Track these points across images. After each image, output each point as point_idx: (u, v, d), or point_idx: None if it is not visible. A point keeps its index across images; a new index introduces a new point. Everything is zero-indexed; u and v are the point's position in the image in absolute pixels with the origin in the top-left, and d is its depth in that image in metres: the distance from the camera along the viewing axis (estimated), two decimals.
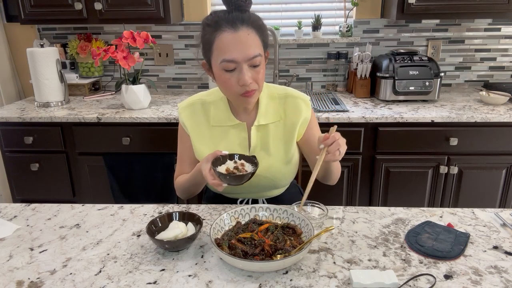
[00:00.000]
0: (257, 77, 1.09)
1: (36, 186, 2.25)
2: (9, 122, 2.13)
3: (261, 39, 1.10)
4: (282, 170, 1.27)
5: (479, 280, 0.84)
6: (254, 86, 1.10)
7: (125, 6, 2.23)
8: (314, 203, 1.12)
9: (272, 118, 1.24)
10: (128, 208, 1.19)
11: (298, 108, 1.24)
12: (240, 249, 0.90)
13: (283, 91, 1.27)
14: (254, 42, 1.07)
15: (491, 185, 2.12)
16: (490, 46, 2.54)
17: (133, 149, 2.13)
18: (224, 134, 1.24)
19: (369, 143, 2.08)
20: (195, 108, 1.26)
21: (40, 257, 0.95)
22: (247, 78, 1.07)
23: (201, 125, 1.26)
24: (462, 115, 1.99)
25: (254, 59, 1.07)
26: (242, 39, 1.05)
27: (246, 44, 1.05)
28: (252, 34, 1.07)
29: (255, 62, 1.07)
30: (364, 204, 2.20)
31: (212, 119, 1.24)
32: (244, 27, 1.06)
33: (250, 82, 1.08)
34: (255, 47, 1.07)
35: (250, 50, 1.06)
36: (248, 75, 1.07)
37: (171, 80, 2.71)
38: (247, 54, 1.05)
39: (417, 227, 1.03)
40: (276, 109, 1.25)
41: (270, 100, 1.25)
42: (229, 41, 1.05)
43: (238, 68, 1.07)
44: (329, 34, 2.61)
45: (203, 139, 1.26)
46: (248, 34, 1.06)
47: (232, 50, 1.05)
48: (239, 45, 1.05)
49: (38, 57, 2.21)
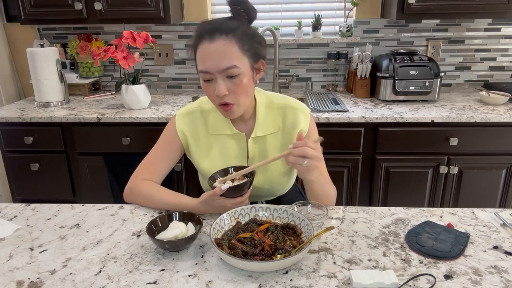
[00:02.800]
0: (235, 89, 1.06)
1: (36, 186, 2.25)
2: (9, 122, 2.13)
3: (242, 50, 1.05)
4: (281, 181, 1.26)
5: (479, 280, 0.84)
6: (230, 99, 1.07)
7: (125, 6, 2.23)
8: (314, 203, 1.12)
9: (270, 129, 1.22)
10: (128, 208, 1.19)
11: (296, 119, 1.21)
12: (240, 249, 0.90)
13: (283, 101, 1.24)
14: (230, 53, 1.03)
15: (491, 185, 2.12)
16: (490, 46, 2.54)
17: (133, 149, 2.13)
18: (222, 144, 1.22)
19: (369, 143, 2.08)
20: (195, 116, 1.24)
21: (40, 257, 0.95)
22: (221, 89, 1.05)
23: (200, 134, 1.24)
24: (462, 115, 1.99)
25: (228, 70, 1.04)
26: (216, 50, 1.03)
27: (220, 55, 1.03)
28: (229, 45, 1.03)
29: (230, 73, 1.05)
30: (364, 204, 2.20)
31: (211, 127, 1.22)
32: (222, 38, 1.03)
33: (225, 93, 1.06)
34: (231, 58, 1.04)
35: (223, 61, 1.03)
36: (222, 86, 1.05)
37: (171, 80, 2.71)
38: (219, 65, 1.04)
39: (417, 227, 1.03)
40: (275, 120, 1.22)
41: (269, 111, 1.22)
42: (205, 51, 1.05)
43: (214, 79, 1.06)
44: (329, 34, 2.61)
45: (202, 148, 1.24)
46: (224, 45, 1.03)
47: (207, 61, 1.05)
48: (212, 56, 1.04)
49: (38, 57, 2.21)
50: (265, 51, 1.14)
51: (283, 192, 1.32)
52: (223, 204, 1.06)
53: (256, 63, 1.11)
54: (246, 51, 1.07)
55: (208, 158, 1.24)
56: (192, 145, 1.24)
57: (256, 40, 1.10)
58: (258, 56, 1.11)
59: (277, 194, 1.30)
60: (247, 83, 1.08)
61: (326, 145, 2.22)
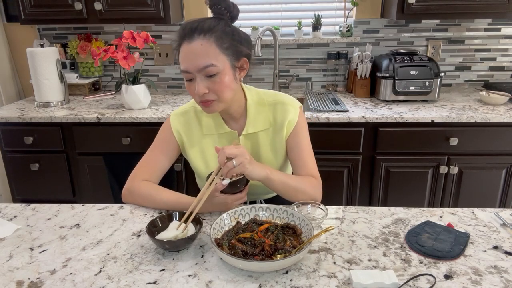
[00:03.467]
0: (214, 87, 1.07)
1: (36, 186, 2.25)
2: (9, 122, 2.13)
3: (221, 49, 1.06)
4: None
5: (479, 280, 0.84)
6: (210, 96, 1.08)
7: (125, 6, 2.23)
8: (314, 203, 1.12)
9: (261, 126, 1.23)
10: (128, 208, 1.19)
11: (286, 113, 1.22)
12: (240, 249, 0.90)
13: (273, 98, 1.25)
14: (208, 53, 1.04)
15: (491, 185, 2.12)
16: (490, 46, 2.54)
17: (133, 149, 2.13)
18: (215, 143, 1.23)
19: (369, 143, 2.08)
20: (189, 117, 1.25)
21: (40, 257, 0.95)
22: (199, 88, 1.06)
23: (194, 134, 1.25)
24: (462, 115, 1.99)
25: (206, 69, 1.05)
26: (194, 49, 1.05)
27: (197, 55, 1.04)
28: (207, 44, 1.04)
29: (208, 72, 1.05)
30: (364, 204, 2.20)
31: (204, 127, 1.23)
32: (199, 38, 1.04)
33: (204, 92, 1.07)
34: (208, 57, 1.04)
35: (200, 60, 1.04)
36: (201, 85, 1.06)
37: (171, 80, 2.71)
38: (197, 65, 1.05)
39: (417, 227, 1.03)
40: (266, 117, 1.23)
41: (260, 107, 1.23)
42: (184, 52, 1.06)
43: (194, 78, 1.07)
44: (329, 34, 2.61)
45: (196, 148, 1.25)
46: (202, 44, 1.04)
47: (186, 60, 1.06)
48: (190, 55, 1.05)
49: (38, 57, 2.21)
50: (248, 49, 1.13)
51: None
52: (223, 201, 1.07)
53: (237, 61, 1.11)
54: (226, 49, 1.07)
55: (203, 158, 1.25)
56: (187, 145, 1.25)
57: (236, 39, 1.10)
58: (239, 54, 1.11)
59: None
60: (228, 81, 1.08)
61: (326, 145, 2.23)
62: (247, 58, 1.14)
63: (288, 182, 1.14)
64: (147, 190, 1.18)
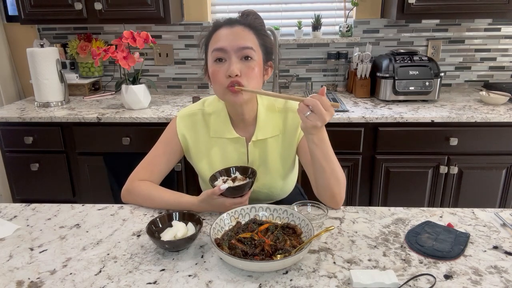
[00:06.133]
0: (248, 72, 1.07)
1: (36, 186, 2.25)
2: (9, 122, 2.13)
3: (259, 41, 1.11)
4: (281, 185, 1.26)
5: (479, 280, 0.84)
6: (241, 79, 1.05)
7: (125, 6, 2.23)
8: (314, 203, 1.12)
9: (271, 132, 1.21)
10: (128, 208, 1.19)
11: (298, 122, 1.18)
12: (240, 249, 0.90)
13: (284, 104, 1.23)
14: (248, 37, 1.08)
15: (491, 185, 2.12)
16: (490, 46, 2.54)
17: (133, 149, 2.13)
18: (222, 148, 1.22)
19: (369, 143, 2.08)
20: (196, 119, 1.23)
21: (40, 257, 0.95)
22: (234, 67, 1.05)
23: (200, 136, 1.23)
24: (462, 115, 1.99)
25: (244, 50, 1.06)
26: (235, 31, 1.08)
27: (238, 36, 1.07)
28: (248, 31, 1.09)
29: (245, 54, 1.06)
30: (364, 204, 2.20)
31: (212, 130, 1.21)
32: (241, 25, 1.09)
33: (237, 73, 1.05)
34: (248, 40, 1.08)
35: (241, 40, 1.06)
36: (236, 65, 1.05)
37: (171, 80, 2.71)
38: (237, 44, 1.06)
39: (417, 227, 1.03)
40: (276, 123, 1.21)
41: (270, 113, 1.21)
42: (223, 33, 1.08)
43: (228, 60, 1.07)
44: (329, 34, 2.61)
45: (202, 151, 1.23)
46: (243, 30, 1.08)
47: (224, 39, 1.07)
48: (230, 35, 1.07)
49: (38, 57, 2.21)
50: (273, 56, 1.18)
51: (282, 196, 1.30)
52: (221, 204, 1.07)
53: (266, 62, 1.15)
54: (261, 45, 1.11)
55: (208, 161, 1.23)
56: (192, 148, 1.24)
57: (269, 41, 1.15)
58: (269, 56, 1.15)
59: (276, 198, 1.29)
60: (258, 73, 1.10)
61: None
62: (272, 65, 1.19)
63: (329, 158, 1.06)
64: (147, 190, 1.18)
